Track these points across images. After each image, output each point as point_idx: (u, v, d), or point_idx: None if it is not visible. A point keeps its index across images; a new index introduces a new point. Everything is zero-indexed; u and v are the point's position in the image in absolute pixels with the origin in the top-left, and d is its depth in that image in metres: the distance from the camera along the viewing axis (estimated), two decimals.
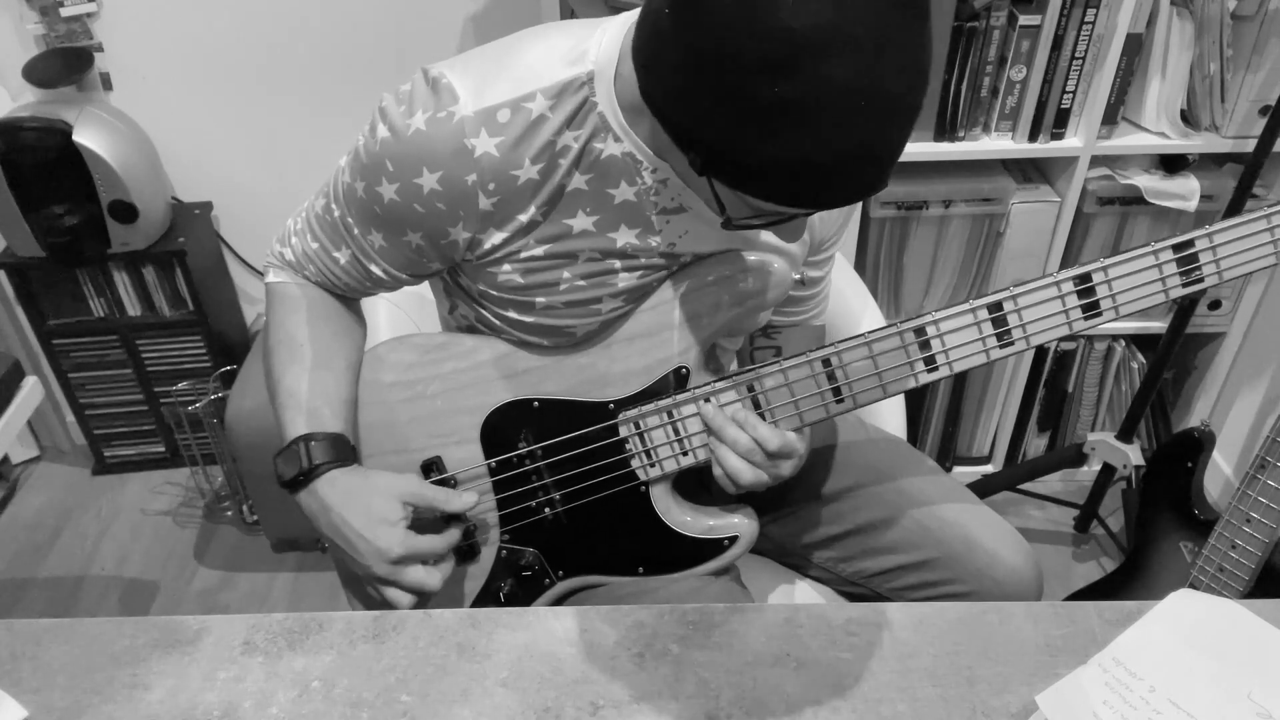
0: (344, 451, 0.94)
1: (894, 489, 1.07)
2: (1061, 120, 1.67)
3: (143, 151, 1.89)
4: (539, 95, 0.82)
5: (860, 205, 1.73)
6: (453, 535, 0.95)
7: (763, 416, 0.90)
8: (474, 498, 0.95)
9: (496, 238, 0.87)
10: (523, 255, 0.88)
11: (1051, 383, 2.01)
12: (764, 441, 0.87)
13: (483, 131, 0.82)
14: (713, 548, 0.97)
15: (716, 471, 0.90)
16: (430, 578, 0.91)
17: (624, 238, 0.89)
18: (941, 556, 1.02)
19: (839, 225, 1.02)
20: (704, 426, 0.91)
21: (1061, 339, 0.86)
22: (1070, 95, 1.64)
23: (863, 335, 0.87)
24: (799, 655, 0.83)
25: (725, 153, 0.69)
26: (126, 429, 2.19)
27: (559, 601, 1.02)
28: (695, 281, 0.91)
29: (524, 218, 0.86)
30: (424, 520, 0.94)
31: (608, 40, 0.83)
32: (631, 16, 0.84)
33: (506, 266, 0.89)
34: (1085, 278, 0.84)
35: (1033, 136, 1.69)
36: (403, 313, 1.26)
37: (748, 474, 0.88)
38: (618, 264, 0.90)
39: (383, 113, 0.85)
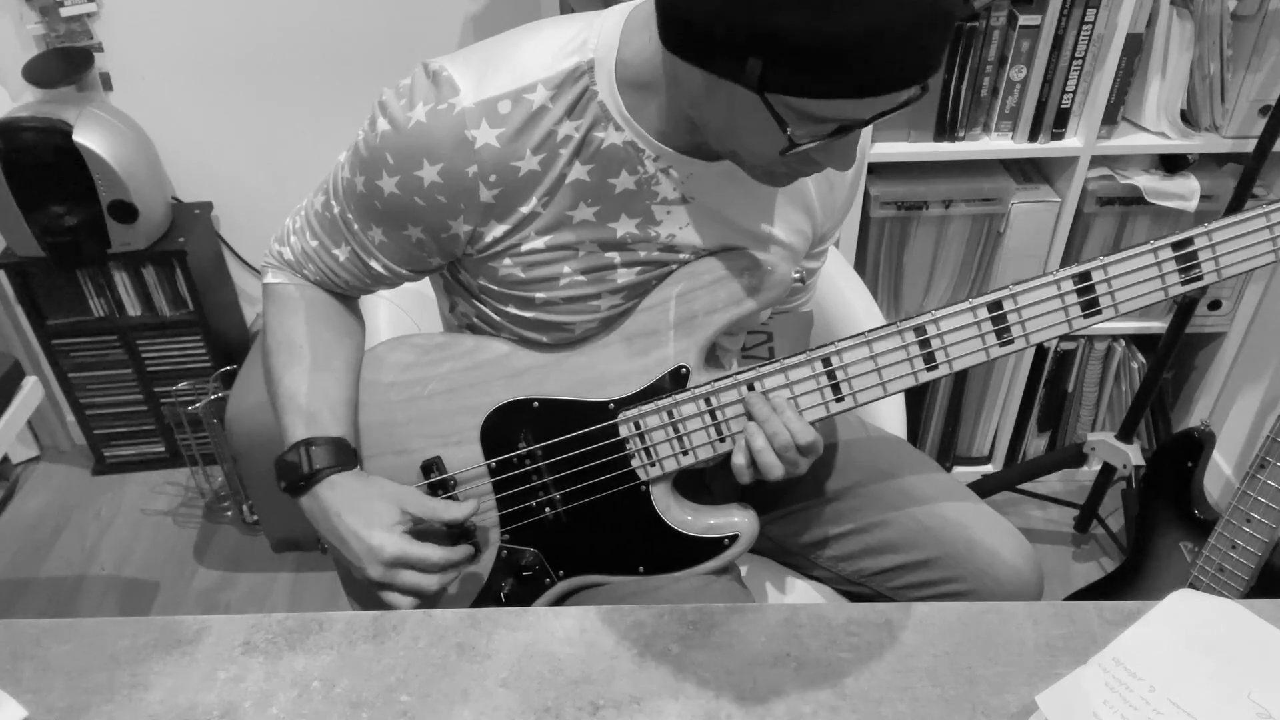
0: (345, 455, 0.94)
1: (894, 488, 1.07)
2: (1061, 120, 1.67)
3: (143, 151, 1.89)
4: (540, 86, 0.82)
5: (860, 201, 1.73)
6: (450, 547, 0.94)
7: None
8: (473, 505, 0.95)
9: (497, 230, 0.87)
10: (523, 248, 0.88)
11: (1051, 383, 2.01)
12: (797, 435, 0.87)
13: (483, 123, 0.82)
14: (713, 547, 0.97)
15: (739, 460, 0.89)
16: (425, 580, 0.91)
17: (624, 228, 0.89)
18: (942, 555, 1.02)
19: (838, 218, 1.03)
20: (743, 412, 0.90)
21: (1061, 337, 0.87)
22: (1070, 95, 1.64)
23: (863, 334, 0.87)
24: (799, 655, 0.83)
25: (789, 44, 0.66)
26: (126, 429, 2.19)
27: (559, 601, 1.02)
28: (695, 281, 0.91)
29: (525, 209, 0.86)
30: (424, 532, 0.94)
31: (607, 29, 0.83)
32: (630, 4, 0.84)
33: (507, 261, 0.89)
34: (1085, 276, 0.84)
35: (1033, 136, 1.69)
36: (403, 312, 1.26)
37: (779, 469, 0.88)
38: (617, 259, 0.90)
39: (382, 106, 0.85)
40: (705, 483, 1.11)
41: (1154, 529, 1.50)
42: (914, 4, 0.65)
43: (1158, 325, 1.88)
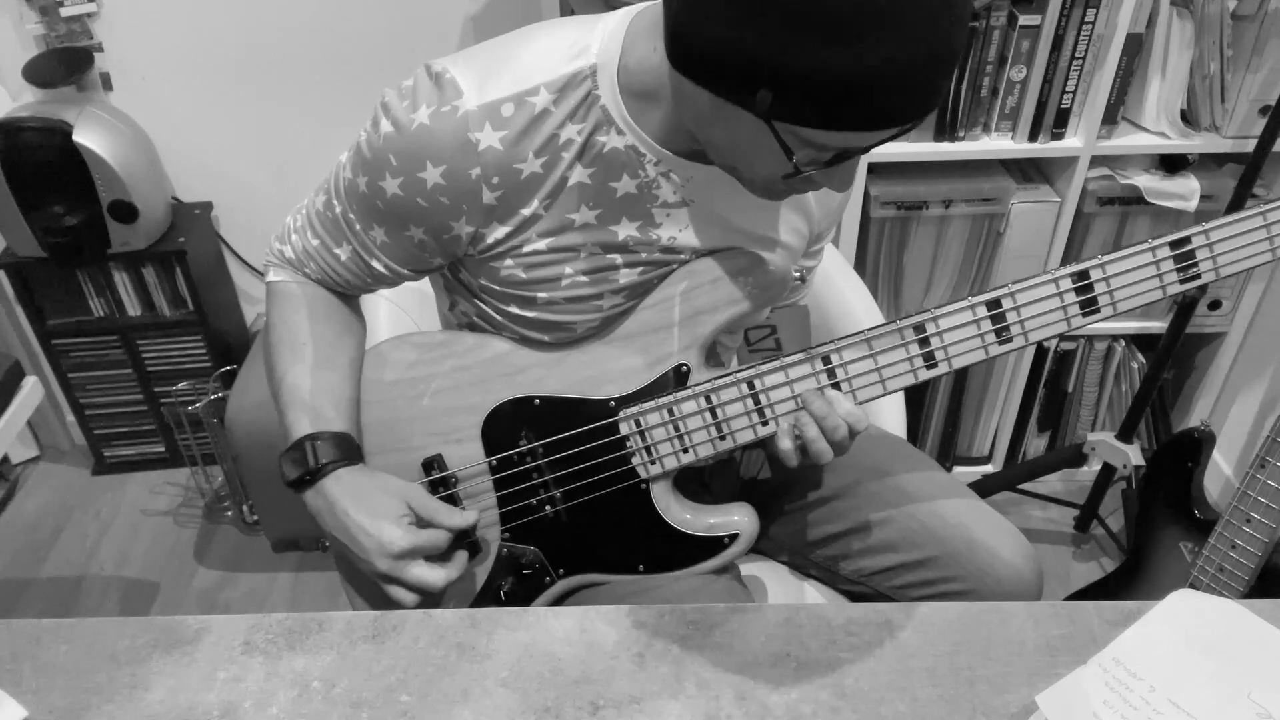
0: (350, 450, 0.94)
1: (894, 487, 1.07)
2: (1061, 120, 1.67)
3: (143, 151, 1.89)
4: (542, 89, 0.82)
5: (859, 201, 1.73)
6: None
7: (763, 413, 0.90)
8: (474, 516, 0.95)
9: (499, 232, 0.87)
10: (525, 250, 0.88)
11: (1051, 383, 2.01)
12: (855, 425, 0.88)
13: (486, 125, 0.82)
14: (713, 545, 0.97)
15: (786, 445, 0.89)
16: (433, 575, 0.91)
17: (625, 231, 0.89)
18: (942, 555, 1.02)
19: (834, 219, 1.04)
20: (799, 405, 0.90)
21: (1060, 336, 0.87)
22: (1070, 95, 1.64)
23: (863, 332, 0.87)
24: (799, 655, 0.83)
25: (801, 79, 0.67)
26: (126, 429, 2.19)
27: (559, 600, 1.02)
28: (696, 279, 0.91)
29: (527, 211, 0.86)
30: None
31: (610, 33, 0.83)
32: (633, 10, 0.84)
33: (509, 261, 0.89)
34: (1083, 274, 0.84)
35: (1033, 136, 1.69)
36: (402, 311, 1.26)
37: (830, 454, 0.88)
38: (619, 259, 0.90)
39: (385, 108, 0.85)
40: (705, 481, 1.11)
41: (1154, 529, 1.50)
42: (925, 43, 0.66)
43: (1158, 325, 1.88)
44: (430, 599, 0.93)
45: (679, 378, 0.93)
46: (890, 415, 1.26)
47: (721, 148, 0.80)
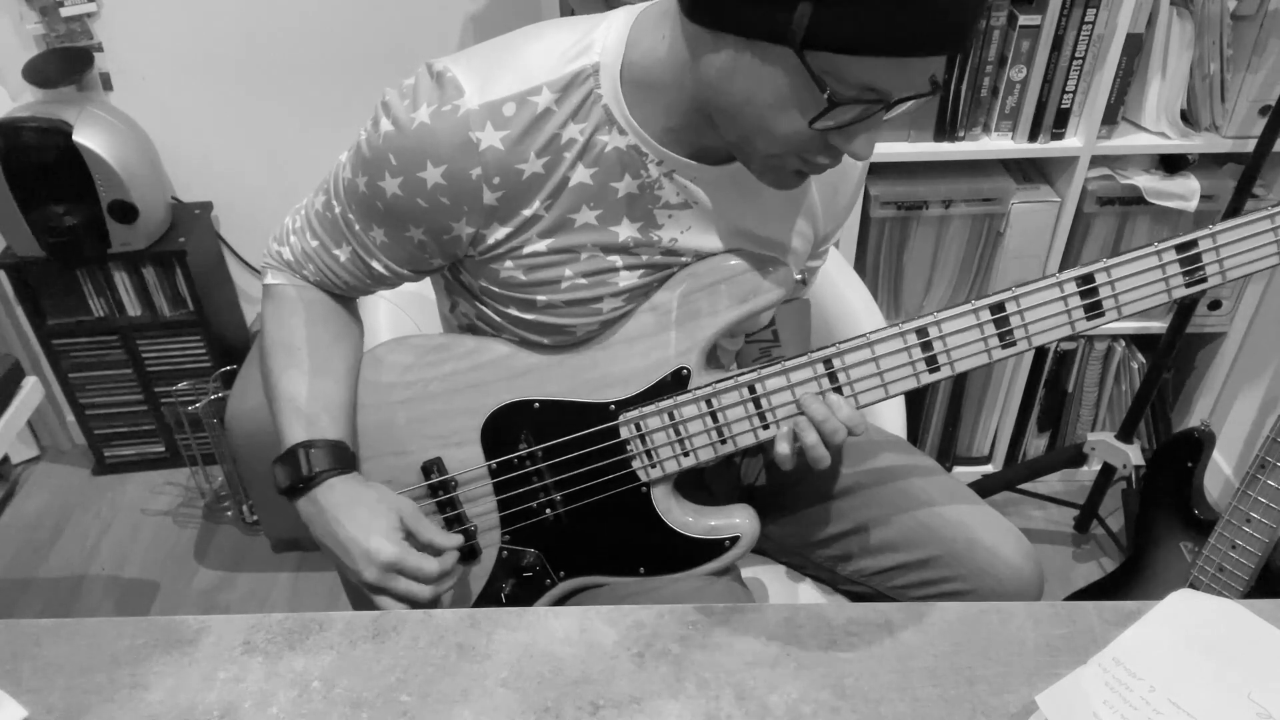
0: (343, 459, 0.94)
1: (895, 488, 1.07)
2: (1061, 120, 1.67)
3: (143, 151, 1.89)
4: (544, 89, 0.82)
5: (860, 201, 1.73)
6: (446, 559, 0.93)
7: (764, 416, 0.90)
8: (459, 540, 0.94)
9: (500, 233, 0.87)
10: (525, 251, 0.88)
11: (1051, 383, 2.01)
12: (854, 429, 0.87)
13: (488, 125, 0.82)
14: (714, 548, 0.97)
15: (784, 450, 0.88)
16: (421, 589, 0.91)
17: (626, 232, 0.89)
18: (943, 554, 1.02)
19: (839, 220, 1.03)
20: (798, 411, 0.89)
21: (1063, 339, 0.86)
22: (1070, 95, 1.64)
23: (865, 335, 0.87)
24: (799, 655, 0.83)
25: None
26: (126, 429, 2.19)
27: (560, 602, 1.02)
28: (696, 282, 0.91)
29: (528, 212, 0.86)
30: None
31: (613, 33, 0.83)
32: (636, 8, 0.84)
33: (509, 263, 0.89)
34: (1088, 278, 0.84)
35: (1033, 136, 1.69)
36: (403, 312, 1.26)
37: (829, 459, 0.88)
38: (619, 262, 0.90)
39: (386, 107, 0.84)
40: (706, 483, 1.11)
41: (1154, 529, 1.50)
42: None
43: (1158, 325, 1.88)
44: (426, 605, 0.92)
45: (679, 381, 0.93)
46: (890, 415, 1.26)
47: (739, 110, 0.76)
